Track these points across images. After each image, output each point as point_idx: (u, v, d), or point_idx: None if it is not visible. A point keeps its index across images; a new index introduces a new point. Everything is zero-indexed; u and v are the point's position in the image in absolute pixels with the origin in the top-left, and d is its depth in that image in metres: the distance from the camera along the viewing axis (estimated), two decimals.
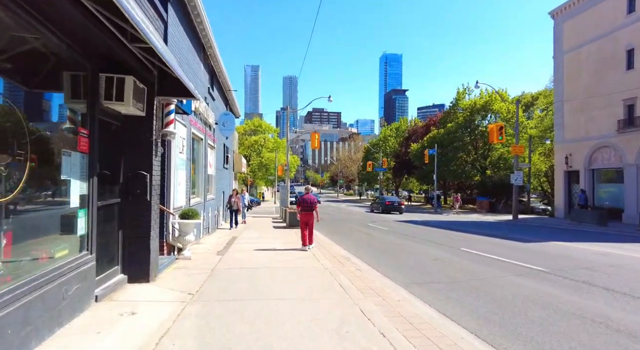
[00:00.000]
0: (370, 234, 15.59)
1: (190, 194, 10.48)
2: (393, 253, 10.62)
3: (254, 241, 12.04)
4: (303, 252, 9.80)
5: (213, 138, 14.84)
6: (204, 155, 12.73)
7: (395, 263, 9.04)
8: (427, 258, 9.74)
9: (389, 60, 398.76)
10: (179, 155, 8.86)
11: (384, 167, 53.44)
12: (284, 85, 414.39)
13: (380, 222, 21.85)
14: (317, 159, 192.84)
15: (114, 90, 4.97)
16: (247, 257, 8.94)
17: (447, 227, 18.68)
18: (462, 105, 42.26)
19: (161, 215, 7.89)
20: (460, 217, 28.50)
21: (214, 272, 7.06)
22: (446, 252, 10.76)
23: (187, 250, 8.52)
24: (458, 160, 41.36)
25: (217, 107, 15.90)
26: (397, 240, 13.69)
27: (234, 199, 15.85)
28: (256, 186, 66.89)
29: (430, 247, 11.65)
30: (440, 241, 13.09)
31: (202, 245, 11.02)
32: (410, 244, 12.38)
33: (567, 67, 26.00)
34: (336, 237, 14.21)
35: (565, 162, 25.71)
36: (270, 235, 13.88)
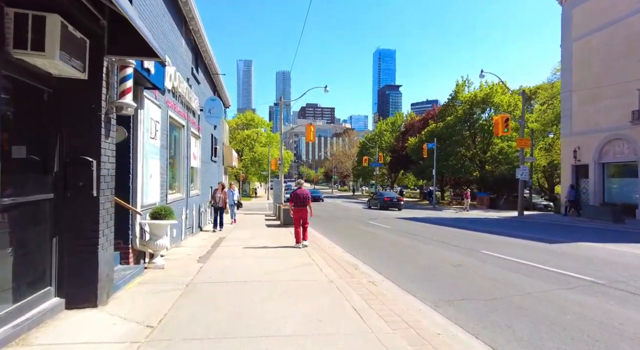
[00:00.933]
0: (374, 234, 14.12)
1: (167, 188, 8.90)
2: (406, 257, 9.15)
3: (244, 243, 10.48)
4: (300, 257, 8.29)
5: (198, 126, 13.21)
6: (186, 145, 11.13)
7: (412, 271, 7.56)
8: (447, 264, 8.28)
9: (383, 55, 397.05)
10: (150, 141, 7.27)
11: (379, 162, 52.05)
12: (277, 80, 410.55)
13: (380, 220, 20.41)
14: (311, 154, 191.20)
15: (29, 34, 3.38)
16: (233, 264, 7.40)
17: (454, 225, 17.29)
18: (462, 98, 40.88)
19: (125, 215, 6.32)
20: (461, 214, 27.20)
21: (190, 288, 5.51)
22: (465, 255, 9.32)
23: (160, 258, 6.96)
24: (457, 155, 40.05)
25: (202, 92, 14.27)
26: (405, 240, 12.23)
27: (219, 194, 13.41)
28: (249, 182, 65.16)
29: (446, 250, 10.21)
30: (454, 242, 11.67)
31: (182, 248, 9.44)
32: (421, 246, 10.93)
33: (576, 56, 24.67)
34: (337, 238, 12.72)
35: (573, 155, 24.46)
36: (263, 236, 12.35)
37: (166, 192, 8.79)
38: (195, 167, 13.42)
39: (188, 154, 11.47)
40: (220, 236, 12.00)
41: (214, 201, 13.56)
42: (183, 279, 6.05)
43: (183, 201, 10.82)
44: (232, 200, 15.90)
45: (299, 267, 7.17)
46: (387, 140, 62.21)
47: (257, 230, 14.19)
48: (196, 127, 12.94)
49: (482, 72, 24.64)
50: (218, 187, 13.83)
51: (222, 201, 13.43)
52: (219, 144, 19.67)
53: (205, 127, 15.00)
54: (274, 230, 13.88)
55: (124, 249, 6.35)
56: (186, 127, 11.16)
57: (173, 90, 9.42)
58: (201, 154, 13.84)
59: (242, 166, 55.97)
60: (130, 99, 5.00)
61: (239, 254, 8.70)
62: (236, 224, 16.36)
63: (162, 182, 8.46)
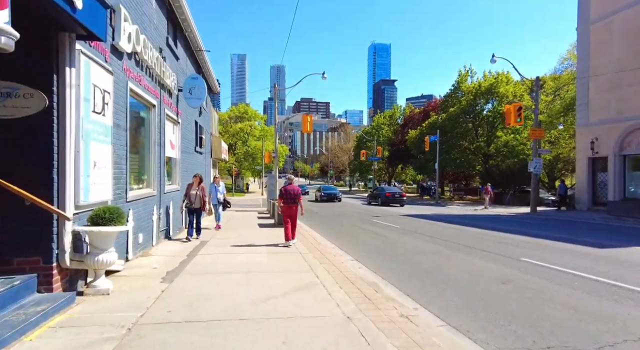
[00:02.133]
0: (383, 236, 12.20)
1: (127, 182, 6.88)
2: (435, 270, 7.22)
3: (229, 250, 8.50)
4: (300, 272, 6.35)
5: (176, 110, 11.17)
6: (158, 129, 9.09)
7: (451, 293, 5.63)
8: (492, 280, 6.38)
9: (378, 50, 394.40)
10: (94, 118, 5.25)
11: (378, 156, 50.12)
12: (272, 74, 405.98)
13: (385, 217, 18.53)
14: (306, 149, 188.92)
15: None
16: (211, 285, 5.43)
17: (469, 224, 15.44)
18: (465, 89, 39.00)
19: (47, 220, 4.32)
20: (467, 210, 25.39)
21: (130, 339, 3.52)
22: (506, 265, 7.43)
23: (103, 279, 4.95)
24: (460, 148, 38.24)
25: (182, 70, 12.19)
26: (424, 245, 10.33)
27: (196, 190, 10.04)
28: (242, 177, 63.01)
29: (479, 257, 8.31)
30: (481, 245, 9.79)
31: (150, 258, 7.45)
32: (447, 253, 9.02)
33: (594, 39, 22.83)
34: (341, 241, 10.81)
35: (590, 147, 22.68)
36: (254, 239, 10.37)
37: (125, 187, 6.77)
38: (174, 158, 11.39)
39: (162, 140, 9.43)
40: (203, 240, 10.01)
41: (188, 200, 10.02)
42: (128, 315, 4.07)
43: (154, 198, 8.80)
44: (215, 198, 12.34)
45: (300, 291, 5.21)
46: (384, 134, 60.29)
47: (248, 231, 12.21)
48: (174, 111, 10.90)
49: (493, 57, 22.68)
50: (193, 181, 10.23)
51: (199, 200, 10.03)
52: (206, 134, 17.61)
53: (187, 111, 12.95)
54: (267, 232, 11.91)
55: (44, 270, 4.36)
56: (159, 108, 9.12)
57: (137, 57, 7.37)
58: (181, 142, 11.80)
59: (235, 160, 53.84)
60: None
61: (220, 267, 6.72)
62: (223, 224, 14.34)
63: (119, 174, 6.44)
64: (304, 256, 7.84)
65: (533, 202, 23.00)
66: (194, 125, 14.45)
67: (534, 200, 23.09)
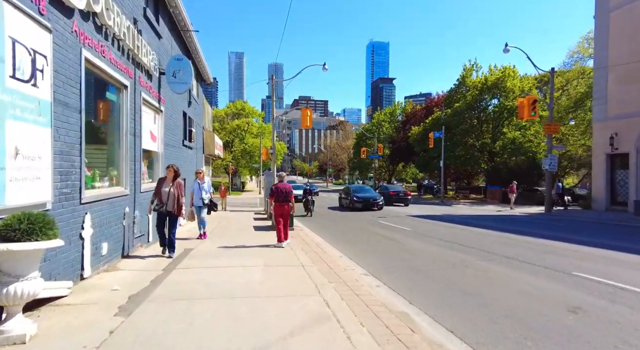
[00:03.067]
0: (396, 241, 10.70)
1: (81, 178, 5.34)
2: (475, 291, 5.72)
3: (215, 263, 6.98)
4: (305, 296, 4.84)
5: (158, 95, 9.63)
6: (132, 116, 7.55)
7: (520, 336, 4.13)
8: (553, 306, 4.88)
9: (376, 48, 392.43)
10: (11, 84, 3.72)
11: (379, 153, 48.60)
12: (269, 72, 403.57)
13: (392, 218, 17.05)
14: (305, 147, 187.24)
15: None
16: (178, 326, 3.90)
17: (487, 226, 13.95)
18: (470, 83, 37.49)
19: None
20: (475, 210, 23.93)
21: None
22: (561, 283, 5.94)
23: (20, 319, 3.41)
24: (465, 145, 36.76)
25: (166, 51, 10.64)
26: (447, 253, 8.83)
27: (169, 187, 7.34)
28: (239, 175, 61.39)
29: (518, 271, 6.83)
30: (516, 254, 8.29)
31: (115, 274, 5.92)
32: (477, 264, 7.52)
33: (613, 28, 21.36)
34: (350, 248, 9.32)
35: (609, 143, 21.23)
36: (247, 246, 8.86)
37: (79, 185, 5.24)
38: (156, 152, 9.87)
39: (137, 130, 7.90)
40: (186, 247, 8.48)
41: (158, 201, 7.32)
42: None
43: (126, 199, 7.27)
44: (199, 198, 9.75)
45: (306, 331, 3.70)
46: (385, 132, 58.81)
47: (241, 235, 10.69)
48: (154, 96, 9.36)
49: (506, 46, 21.16)
50: (166, 176, 7.55)
51: (173, 201, 7.30)
52: (197, 127, 16.07)
53: (173, 100, 11.42)
54: (263, 236, 10.40)
55: None
56: (132, 91, 7.58)
57: (97, 21, 5.83)
58: (164, 134, 10.26)
59: (232, 158, 52.24)
60: None
61: (200, 288, 5.20)
62: (215, 225, 12.82)
63: (68, 168, 4.92)
64: (308, 270, 6.33)
65: (548, 202, 21.57)
66: (181, 116, 12.91)
67: (548, 199, 21.66)
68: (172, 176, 7.48)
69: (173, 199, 7.32)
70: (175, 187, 7.39)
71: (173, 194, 7.34)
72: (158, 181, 7.66)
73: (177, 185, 7.47)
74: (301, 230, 12.50)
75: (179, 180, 7.60)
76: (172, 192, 7.33)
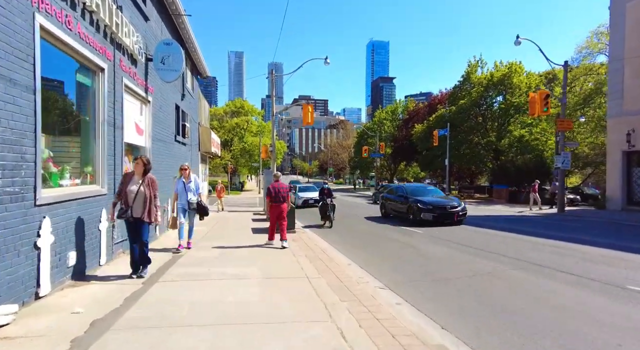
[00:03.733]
0: (411, 246, 9.71)
1: (36, 174, 4.34)
2: (522, 311, 4.72)
3: (205, 273, 5.99)
4: (312, 322, 3.85)
5: (144, 84, 8.63)
6: (111, 104, 6.56)
7: None
8: (628, 332, 3.90)
9: (376, 47, 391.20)
10: None
11: (380, 152, 47.58)
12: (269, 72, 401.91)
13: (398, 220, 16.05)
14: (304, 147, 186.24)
15: None
16: None
17: (502, 228, 12.94)
18: (475, 80, 36.48)
19: None
20: (483, 210, 22.92)
21: None
22: (623, 301, 4.95)
23: None
24: (471, 143, 35.77)
25: (154, 35, 9.62)
26: (473, 261, 7.83)
27: (139, 186, 5.60)
28: (239, 174, 60.36)
29: (565, 284, 5.83)
30: (554, 263, 7.29)
31: (85, 289, 4.94)
32: (514, 275, 6.53)
33: (630, 19, 20.34)
34: (360, 255, 8.35)
35: (626, 139, 20.23)
36: (244, 252, 7.88)
37: (33, 182, 4.25)
38: (142, 146, 8.87)
39: (118, 120, 6.90)
40: (176, 254, 7.48)
41: (123, 204, 5.57)
42: None
43: (104, 199, 6.27)
44: (185, 200, 7.84)
45: None
46: (387, 130, 57.77)
47: (238, 238, 9.70)
48: (141, 85, 8.37)
49: (517, 38, 20.14)
50: (134, 171, 5.75)
51: (142, 204, 5.58)
52: (192, 122, 15.07)
53: (163, 91, 10.43)
54: (263, 239, 9.40)
55: None
56: (111, 75, 6.59)
57: None
58: (153, 127, 9.27)
59: (232, 157, 51.23)
60: None
61: (183, 311, 4.19)
62: (215, 222, 11.83)
63: (15, 161, 3.93)
64: (314, 284, 5.35)
65: (560, 202, 20.55)
66: (173, 109, 11.93)
67: (561, 199, 20.64)
68: (141, 171, 5.65)
69: (143, 201, 5.56)
70: (146, 186, 5.61)
71: (143, 195, 5.56)
72: (123, 178, 5.87)
73: (149, 182, 5.68)
74: (303, 233, 11.52)
75: (151, 176, 5.79)
76: (141, 192, 5.55)
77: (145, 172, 5.70)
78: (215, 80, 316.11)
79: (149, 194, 5.63)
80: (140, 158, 5.75)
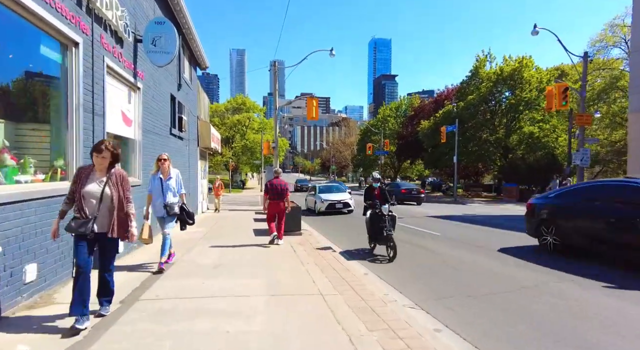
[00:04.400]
0: (429, 250, 8.71)
1: None
2: (589, 338, 3.71)
3: (197, 289, 4.99)
4: None
5: (133, 68, 7.63)
6: (86, 86, 5.56)
7: None
8: None
9: (378, 45, 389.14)
10: None
11: (385, 150, 46.49)
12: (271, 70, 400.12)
13: (410, 219, 15.06)
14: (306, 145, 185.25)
15: None
16: None
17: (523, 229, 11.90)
18: (483, 75, 35.33)
19: None
20: (494, 209, 21.92)
21: None
22: None
23: None
24: (479, 140, 34.66)
25: (145, 14, 8.59)
26: (500, 267, 6.82)
27: (103, 185, 3.72)
28: (240, 172, 59.40)
29: (620, 300, 4.82)
30: (592, 271, 6.29)
31: (49, 309, 3.93)
32: (555, 286, 5.51)
33: None
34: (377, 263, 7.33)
35: None
36: (245, 257, 6.88)
37: None
38: (131, 139, 7.88)
39: (99, 106, 5.90)
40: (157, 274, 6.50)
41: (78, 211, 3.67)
42: None
43: None
44: (162, 204, 5.99)
45: None
46: (391, 127, 56.67)
47: (237, 240, 8.70)
48: (129, 69, 7.37)
49: (535, 28, 19.05)
50: (93, 164, 3.79)
51: (108, 212, 3.75)
52: (189, 115, 14.07)
53: (156, 78, 9.43)
54: (266, 242, 8.41)
55: None
56: (89, 52, 5.59)
57: None
58: (143, 118, 8.27)
59: (233, 154, 50.27)
60: None
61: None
62: (216, 219, 10.84)
63: None
64: (331, 303, 4.35)
65: None
66: (169, 100, 10.93)
67: None
68: (106, 164, 3.79)
69: (108, 207, 3.74)
70: (113, 184, 3.78)
71: (109, 198, 3.73)
72: (76, 173, 3.82)
73: (118, 179, 3.83)
74: (310, 234, 10.52)
75: (120, 172, 3.91)
76: (106, 195, 3.71)
77: (111, 164, 3.83)
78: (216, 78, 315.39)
79: (118, 197, 3.78)
80: (104, 143, 3.77)
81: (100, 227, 3.69)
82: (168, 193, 6.02)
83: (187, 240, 8.48)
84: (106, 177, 3.78)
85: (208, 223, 12.76)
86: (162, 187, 6.00)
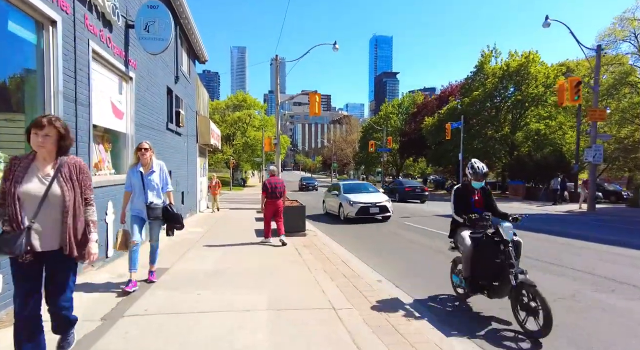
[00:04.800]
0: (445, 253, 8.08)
1: None
2: None
3: (189, 302, 4.38)
4: None
5: (124, 55, 7.01)
6: (67, 71, 4.95)
7: None
8: None
9: (379, 42, 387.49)
10: None
11: (387, 147, 45.80)
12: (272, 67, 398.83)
13: (418, 218, 14.46)
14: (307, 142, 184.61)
15: None
16: None
17: (539, 229, 11.29)
18: (488, 70, 34.61)
19: None
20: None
21: None
22: None
23: None
24: (485, 137, 33.99)
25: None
26: (565, 286, 6.18)
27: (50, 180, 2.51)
28: (241, 169, 58.78)
29: None
30: (636, 279, 5.67)
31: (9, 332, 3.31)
32: (595, 297, 4.90)
33: None
34: (389, 267, 6.73)
35: None
36: (244, 264, 6.28)
37: None
38: (123, 133, 7.27)
39: (82, 95, 5.29)
40: (123, 296, 5.89)
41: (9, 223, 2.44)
42: None
43: None
44: (141, 205, 4.86)
45: None
46: (393, 124, 55.99)
47: (237, 242, 8.09)
48: (118, 56, 6.74)
49: (546, 19, 18.34)
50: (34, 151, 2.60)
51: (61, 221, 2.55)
52: (188, 110, 13.45)
53: (151, 68, 8.80)
54: (268, 248, 7.81)
55: None
56: (70, 33, 4.97)
57: None
58: (136, 110, 7.65)
59: (234, 152, 49.66)
60: None
61: None
62: (215, 218, 10.24)
63: None
64: (346, 320, 3.74)
65: (591, 199, 18.89)
66: (165, 93, 10.31)
67: (592, 196, 18.97)
68: (50, 147, 2.57)
69: (60, 214, 2.57)
70: (65, 180, 2.59)
71: (59, 200, 2.55)
72: (8, 166, 2.56)
73: (71, 171, 2.65)
74: (315, 235, 9.93)
75: (74, 160, 2.70)
76: (54, 195, 2.53)
77: (60, 150, 2.64)
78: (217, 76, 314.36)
79: (74, 198, 2.61)
80: (45, 117, 2.57)
81: (45, 244, 2.50)
82: (150, 192, 4.88)
83: (184, 242, 7.87)
84: (54, 170, 2.57)
85: (207, 223, 12.16)
86: (143, 183, 4.86)
